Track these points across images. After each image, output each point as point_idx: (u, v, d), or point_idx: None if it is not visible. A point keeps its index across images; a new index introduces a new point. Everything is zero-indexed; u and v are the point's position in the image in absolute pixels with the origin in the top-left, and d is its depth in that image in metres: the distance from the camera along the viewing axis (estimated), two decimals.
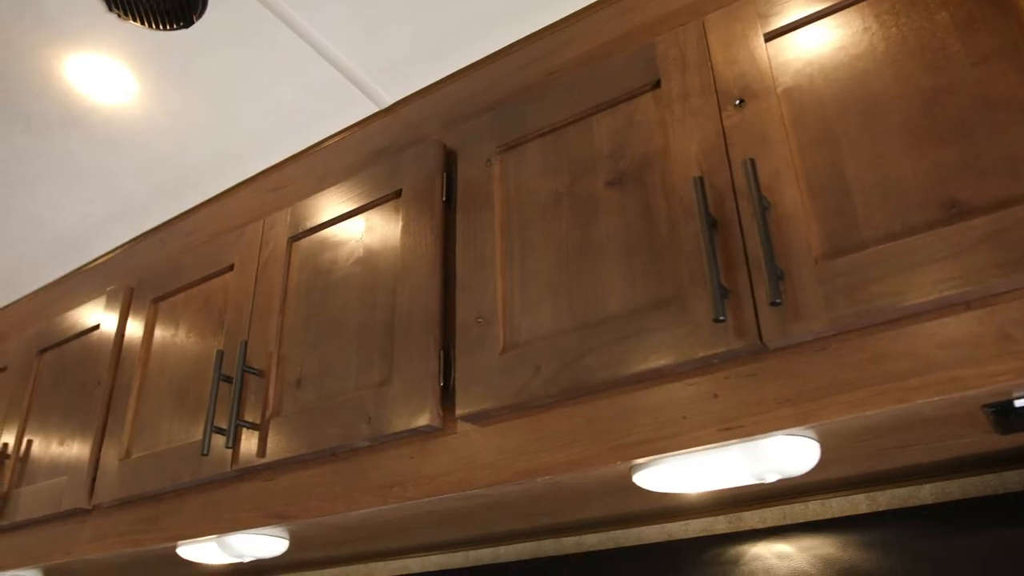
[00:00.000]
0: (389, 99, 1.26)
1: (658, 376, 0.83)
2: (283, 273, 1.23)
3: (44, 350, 1.61)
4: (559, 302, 0.93)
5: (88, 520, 1.34)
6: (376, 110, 1.27)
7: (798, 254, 0.77)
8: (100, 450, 1.37)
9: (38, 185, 1.43)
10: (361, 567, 1.42)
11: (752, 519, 1.08)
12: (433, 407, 0.97)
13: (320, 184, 1.32)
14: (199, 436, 1.22)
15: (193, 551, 1.23)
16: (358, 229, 1.18)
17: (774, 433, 0.75)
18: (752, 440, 0.78)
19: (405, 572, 1.35)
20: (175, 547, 1.23)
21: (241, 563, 1.36)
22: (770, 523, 1.07)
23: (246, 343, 1.17)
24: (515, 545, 1.26)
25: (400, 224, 1.12)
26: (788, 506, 1.07)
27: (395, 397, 1.00)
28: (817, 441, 0.81)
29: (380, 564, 1.40)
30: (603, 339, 0.87)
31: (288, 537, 1.20)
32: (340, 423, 1.04)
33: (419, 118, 1.22)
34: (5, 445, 1.55)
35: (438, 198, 1.09)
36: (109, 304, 1.50)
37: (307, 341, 1.16)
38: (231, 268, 1.32)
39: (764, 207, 0.78)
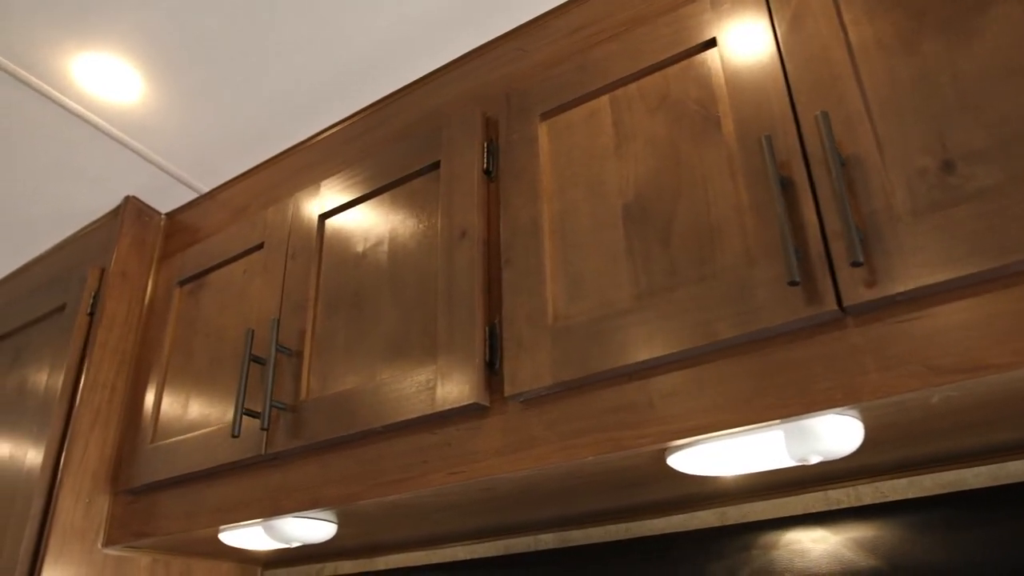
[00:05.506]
0: None
1: None
2: (836, 29, 0.81)
3: (328, 214, 1.16)
4: None
5: (487, 422, 0.89)
6: None
7: None
8: (497, 320, 0.92)
9: None
10: (765, 504, 0.97)
11: None
12: None
13: None
14: (714, 271, 0.78)
15: (710, 456, 0.78)
16: None
17: None
18: None
19: (850, 505, 0.91)
20: (673, 449, 0.79)
21: (809, 464, 0.91)
22: None
23: (827, 115, 0.73)
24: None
25: None
26: None
27: None
28: None
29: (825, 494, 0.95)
30: None
31: (863, 422, 0.77)
32: None
33: None
34: (284, 344, 1.10)
35: None
36: (451, 135, 1.06)
37: (938, 111, 0.73)
38: (710, 44, 0.89)
39: None
